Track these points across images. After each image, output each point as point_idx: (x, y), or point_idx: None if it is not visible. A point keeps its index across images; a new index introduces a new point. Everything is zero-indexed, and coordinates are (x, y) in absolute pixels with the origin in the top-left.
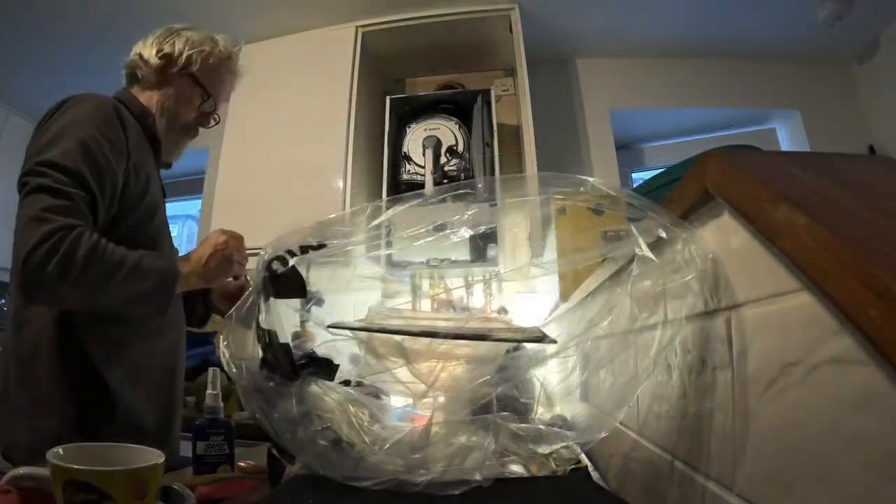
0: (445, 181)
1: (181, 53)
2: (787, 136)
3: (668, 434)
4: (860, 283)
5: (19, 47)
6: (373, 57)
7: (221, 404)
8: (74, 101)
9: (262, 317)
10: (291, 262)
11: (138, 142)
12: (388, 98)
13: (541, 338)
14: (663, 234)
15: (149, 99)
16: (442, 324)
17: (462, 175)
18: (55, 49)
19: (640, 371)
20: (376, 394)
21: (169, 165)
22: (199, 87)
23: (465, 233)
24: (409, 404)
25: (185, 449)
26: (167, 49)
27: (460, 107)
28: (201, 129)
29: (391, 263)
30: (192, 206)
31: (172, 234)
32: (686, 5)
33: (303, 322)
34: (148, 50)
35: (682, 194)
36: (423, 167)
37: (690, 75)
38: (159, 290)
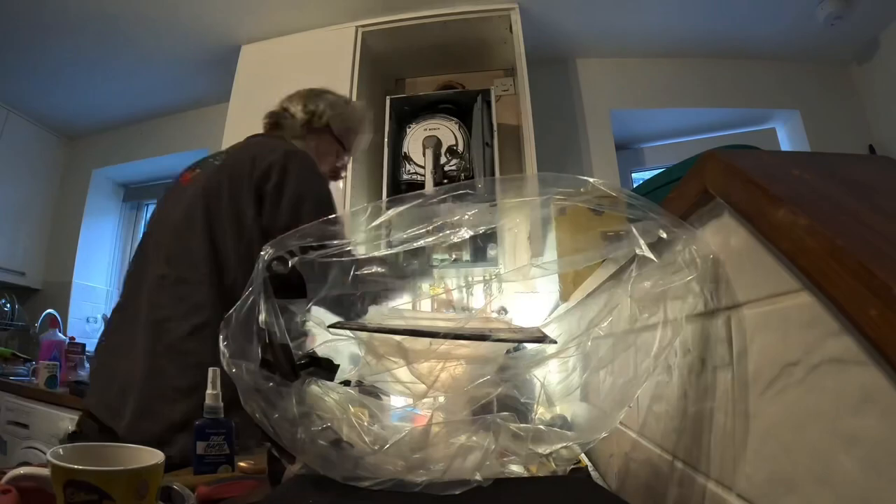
0: (445, 181)
1: (324, 112)
2: (787, 136)
3: (668, 434)
4: (860, 283)
5: (18, 48)
6: (373, 57)
7: (221, 404)
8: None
9: (261, 317)
10: (291, 262)
11: None
12: (388, 98)
13: (541, 338)
14: (664, 235)
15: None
16: (442, 324)
17: (462, 175)
18: (54, 50)
19: (640, 371)
20: (376, 394)
21: None
22: (338, 143)
23: (466, 233)
24: (409, 404)
25: None
26: (311, 107)
27: (460, 107)
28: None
29: None
30: None
31: None
32: (686, 5)
33: (303, 322)
34: (295, 106)
35: (682, 194)
36: (423, 167)
37: (690, 75)
38: None
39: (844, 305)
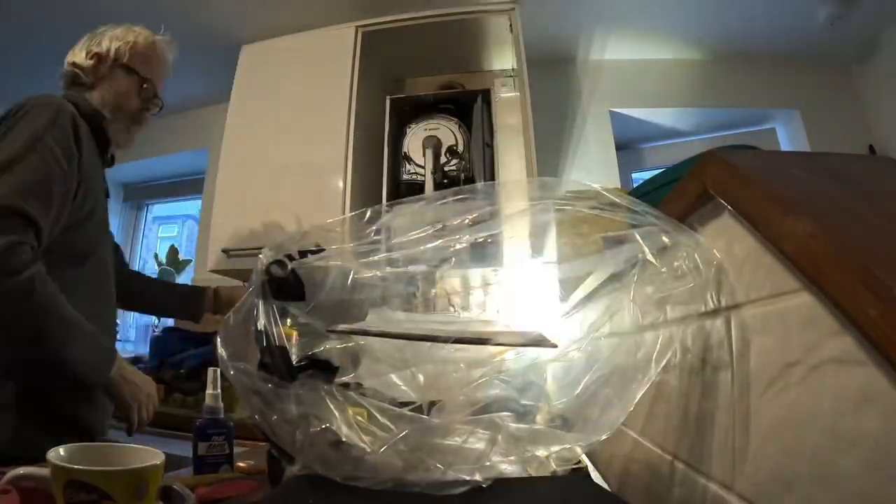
0: (446, 181)
1: (108, 49)
2: (787, 136)
3: (668, 434)
4: (860, 283)
5: (12, 46)
6: (373, 57)
7: (221, 404)
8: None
9: (260, 320)
10: (290, 265)
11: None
12: (388, 98)
13: (541, 341)
14: (666, 241)
15: (90, 98)
16: (442, 327)
17: (462, 175)
18: (52, 48)
19: (641, 372)
20: (375, 396)
21: (111, 162)
22: (135, 74)
23: (466, 237)
24: (410, 405)
25: (185, 449)
26: (95, 49)
27: (460, 107)
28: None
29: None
30: (192, 206)
31: (169, 234)
32: (686, 5)
33: (302, 325)
34: (79, 55)
35: (681, 194)
36: (424, 167)
37: (690, 75)
38: None
39: (844, 305)
